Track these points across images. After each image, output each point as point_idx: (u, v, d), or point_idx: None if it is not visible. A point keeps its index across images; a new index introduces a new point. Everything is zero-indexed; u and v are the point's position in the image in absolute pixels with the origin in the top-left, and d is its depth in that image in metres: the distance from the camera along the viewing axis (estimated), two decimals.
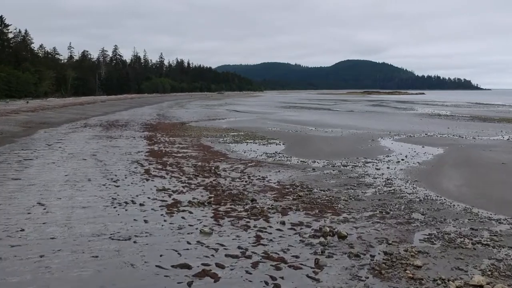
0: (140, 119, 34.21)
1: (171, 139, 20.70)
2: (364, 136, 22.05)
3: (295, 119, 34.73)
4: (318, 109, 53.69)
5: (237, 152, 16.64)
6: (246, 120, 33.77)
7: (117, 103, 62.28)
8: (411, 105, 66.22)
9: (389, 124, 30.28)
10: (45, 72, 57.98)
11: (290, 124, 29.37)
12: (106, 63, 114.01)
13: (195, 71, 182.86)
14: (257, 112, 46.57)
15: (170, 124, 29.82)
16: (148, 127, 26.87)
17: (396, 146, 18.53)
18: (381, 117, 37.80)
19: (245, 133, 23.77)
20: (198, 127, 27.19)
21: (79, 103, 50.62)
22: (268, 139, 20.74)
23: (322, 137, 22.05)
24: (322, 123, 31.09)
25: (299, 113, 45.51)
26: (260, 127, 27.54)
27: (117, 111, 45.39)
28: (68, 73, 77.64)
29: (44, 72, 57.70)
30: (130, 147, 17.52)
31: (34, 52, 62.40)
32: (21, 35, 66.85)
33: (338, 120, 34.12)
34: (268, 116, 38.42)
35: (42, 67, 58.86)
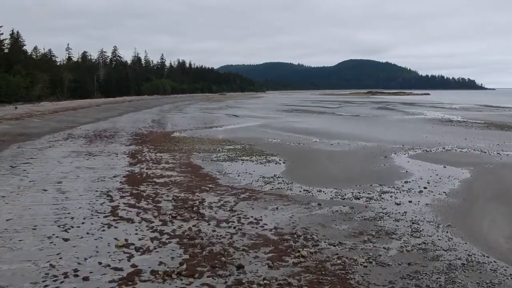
0: (132, 128, 31.93)
1: (158, 155, 18.39)
2: (375, 151, 19.68)
3: (298, 127, 32.38)
4: (321, 113, 51.32)
5: (229, 175, 14.31)
6: (244, 128, 31.44)
7: (114, 107, 60.08)
8: (419, 109, 63.79)
9: (400, 133, 27.89)
10: (38, 75, 55.76)
11: (292, 134, 27.02)
12: (105, 64, 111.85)
13: (196, 72, 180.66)
14: (258, 117, 44.25)
15: (162, 134, 27.51)
16: (137, 139, 24.58)
17: (413, 165, 16.16)
18: (390, 125, 35.39)
19: (242, 146, 21.45)
20: (192, 138, 24.88)
21: (72, 108, 48.41)
22: (266, 156, 18.41)
23: (328, 152, 19.70)
24: (327, 132, 28.74)
25: (301, 118, 43.16)
26: (259, 138, 25.21)
27: (111, 117, 43.12)
28: (64, 75, 75.50)
29: (37, 75, 55.47)
30: (107, 168, 15.21)
31: (27, 55, 59.99)
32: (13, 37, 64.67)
33: (344, 128, 31.75)
34: (269, 123, 36.09)
35: (35, 69, 56.59)
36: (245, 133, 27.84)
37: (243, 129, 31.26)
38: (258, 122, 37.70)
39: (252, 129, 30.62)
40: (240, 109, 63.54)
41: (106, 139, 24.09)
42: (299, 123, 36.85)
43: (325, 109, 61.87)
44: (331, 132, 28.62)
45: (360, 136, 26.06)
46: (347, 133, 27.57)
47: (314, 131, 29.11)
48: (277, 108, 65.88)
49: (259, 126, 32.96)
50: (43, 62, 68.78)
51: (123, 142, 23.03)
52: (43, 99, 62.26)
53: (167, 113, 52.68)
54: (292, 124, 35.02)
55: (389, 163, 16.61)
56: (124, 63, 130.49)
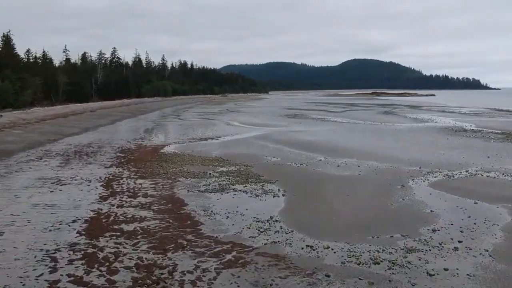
0: (121, 140, 29.39)
1: (138, 183, 15.84)
2: (389, 176, 17.05)
3: (300, 139, 29.77)
4: (325, 120, 48.64)
5: (216, 216, 11.76)
6: (242, 141, 28.84)
7: (109, 112, 57.60)
8: (427, 113, 61.06)
9: (414, 149, 25.24)
10: (29, 79, 53.25)
11: (294, 150, 24.40)
12: (104, 66, 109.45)
13: (198, 73, 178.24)
14: (258, 125, 41.65)
15: (151, 150, 24.95)
16: (120, 158, 22.02)
17: (437, 200, 13.53)
18: (401, 135, 32.71)
19: (236, 168, 18.87)
20: (183, 156, 22.30)
21: (63, 115, 45.91)
22: (264, 183, 15.84)
23: (335, 177, 17.09)
24: (333, 146, 26.12)
25: (304, 126, 40.53)
26: (257, 155, 22.62)
27: (102, 125, 40.61)
28: (59, 78, 73.05)
29: (28, 80, 52.96)
30: (70, 206, 12.65)
31: (18, 58, 57.33)
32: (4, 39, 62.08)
33: (351, 141, 29.11)
34: (269, 133, 33.48)
35: (26, 73, 54.09)
36: (242, 148, 25.26)
37: (240, 142, 28.67)
38: (258, 132, 35.11)
39: (251, 143, 28.02)
40: (240, 114, 60.98)
41: (86, 158, 21.53)
42: (302, 133, 34.24)
43: (329, 114, 59.20)
44: (337, 147, 25.99)
45: (370, 153, 23.41)
46: (355, 149, 24.92)
47: (318, 145, 26.50)
48: (279, 113, 63.26)
49: (259, 138, 30.36)
50: (36, 65, 66.14)
51: (104, 162, 20.47)
52: (36, 104, 59.92)
53: (163, 120, 50.16)
54: (294, 135, 32.41)
55: (408, 197, 13.96)
56: (124, 64, 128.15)
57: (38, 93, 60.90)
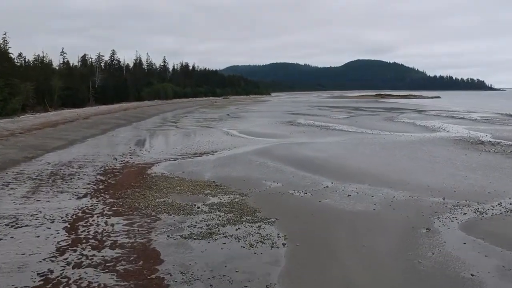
0: (107, 156, 26.80)
1: (110, 223, 13.23)
2: (410, 213, 14.37)
3: (304, 156, 27.12)
4: (331, 128, 45.92)
5: (195, 284, 9.11)
6: (240, 158, 26.19)
7: (103, 119, 55.03)
8: (437, 120, 58.27)
9: (431, 169, 22.56)
10: (18, 85, 50.70)
11: (298, 171, 21.74)
12: (102, 69, 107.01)
13: (200, 75, 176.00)
14: (259, 134, 38.98)
15: (137, 170, 22.31)
16: (100, 182, 19.41)
17: (475, 255, 10.86)
18: (413, 150, 29.98)
19: (230, 198, 16.27)
20: (171, 179, 19.69)
21: (53, 123, 43.32)
22: (261, 223, 13.26)
23: (346, 215, 14.42)
24: (341, 166, 23.47)
25: (308, 137, 37.84)
26: (256, 178, 20.00)
27: (91, 136, 38.01)
28: (54, 82, 70.60)
29: (18, 85, 50.41)
30: (13, 268, 10.03)
31: (9, 63, 54.58)
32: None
33: (360, 158, 26.42)
34: (270, 147, 30.86)
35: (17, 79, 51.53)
36: (239, 169, 22.62)
37: (238, 159, 26.02)
38: (258, 144, 32.46)
39: (249, 160, 25.38)
40: (241, 120, 58.34)
41: (60, 184, 18.91)
42: (305, 146, 31.58)
43: (334, 121, 56.48)
44: (345, 166, 23.30)
45: (383, 175, 20.73)
46: (365, 170, 22.22)
47: (324, 164, 23.85)
48: (281, 118, 60.57)
49: (258, 154, 27.70)
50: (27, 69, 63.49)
51: (79, 190, 17.83)
52: (28, 110, 57.49)
53: (159, 128, 47.55)
54: (297, 150, 29.75)
55: (438, 248, 11.26)
56: (123, 67, 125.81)
57: (30, 99, 58.45)
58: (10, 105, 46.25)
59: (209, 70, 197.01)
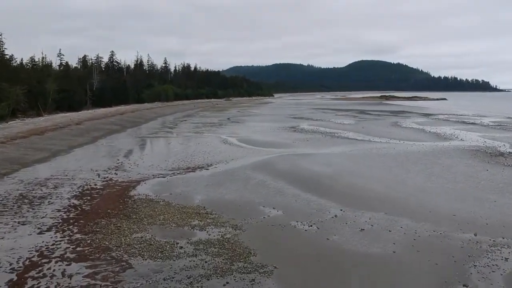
0: (90, 172, 24.22)
1: (67, 275, 10.66)
2: (439, 258, 11.74)
3: (309, 171, 24.52)
4: (336, 136, 43.22)
5: None
6: (237, 174, 23.55)
7: (96, 124, 52.44)
8: (447, 126, 55.52)
9: (452, 189, 19.91)
10: (7, 89, 48.15)
11: (301, 193, 19.11)
12: (101, 70, 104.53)
13: (202, 76, 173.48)
14: (259, 143, 36.32)
15: (118, 191, 19.70)
16: (73, 207, 16.84)
17: None
18: (429, 165, 27.24)
19: (221, 233, 13.68)
20: (155, 205, 17.10)
21: (40, 130, 40.68)
22: (255, 272, 10.65)
23: (360, 259, 11.79)
24: (350, 186, 20.83)
25: (313, 146, 35.17)
26: (253, 203, 17.41)
27: (78, 146, 35.42)
28: (48, 85, 68.10)
29: (6, 90, 47.87)
30: None
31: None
32: None
33: (372, 176, 23.75)
34: (271, 160, 28.24)
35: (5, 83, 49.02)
36: (234, 189, 20.02)
37: (235, 175, 23.41)
38: (258, 156, 29.84)
39: (247, 177, 22.76)
40: (241, 126, 55.70)
41: (25, 211, 16.31)
42: (309, 158, 28.98)
43: (339, 127, 53.79)
44: (355, 187, 20.63)
45: (399, 200, 18.09)
46: (378, 191, 19.57)
47: (331, 183, 21.22)
48: (283, 124, 57.87)
49: (257, 168, 25.09)
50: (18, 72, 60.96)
51: (45, 219, 15.24)
52: (19, 115, 55.03)
53: (154, 135, 44.95)
54: (300, 163, 27.15)
55: None
56: (123, 68, 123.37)
57: (21, 103, 55.93)
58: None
59: (211, 71, 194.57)
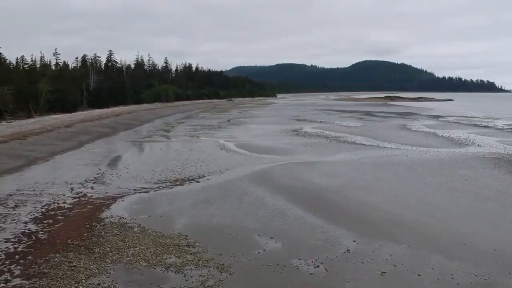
0: (62, 185, 21.23)
1: None
2: None
3: (313, 184, 21.45)
4: (342, 140, 40.10)
5: None
6: (231, 188, 20.47)
7: (89, 127, 49.47)
8: (459, 129, 52.39)
9: (483, 212, 16.82)
10: None
11: (306, 216, 16.05)
12: (99, 70, 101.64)
13: (203, 76, 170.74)
14: (259, 149, 33.25)
15: (88, 211, 16.68)
16: (30, 233, 13.82)
17: None
18: (449, 177, 24.15)
19: (202, 279, 10.60)
20: (127, 232, 14.08)
21: (23, 135, 37.58)
22: None
23: None
24: (362, 204, 17.73)
25: (317, 153, 32.09)
26: (246, 229, 14.38)
27: (62, 151, 32.38)
28: (41, 85, 65.29)
29: None
30: None
31: None
32: None
33: (385, 191, 20.67)
34: (271, 170, 25.18)
35: None
36: (227, 208, 16.99)
37: (229, 188, 20.36)
38: (256, 164, 26.78)
39: (243, 191, 19.71)
40: (241, 129, 52.67)
41: None
42: (313, 168, 25.94)
43: (345, 130, 50.68)
44: (368, 207, 17.50)
45: (422, 224, 15.02)
46: (397, 213, 16.47)
47: (340, 203, 18.14)
48: (286, 126, 54.77)
49: (255, 180, 22.02)
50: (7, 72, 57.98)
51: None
52: (7, 117, 52.21)
53: (146, 139, 41.90)
54: (303, 174, 24.09)
55: None
56: (121, 68, 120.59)
57: (9, 105, 53.13)
58: None
59: (212, 71, 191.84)
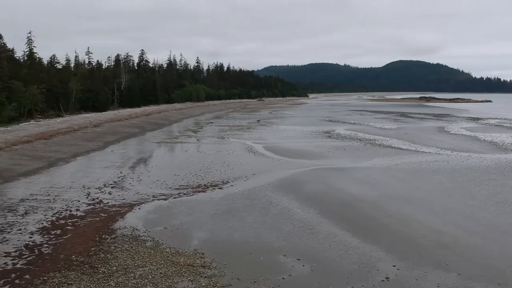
0: (79, 191, 20.14)
1: None
2: None
3: (346, 194, 19.62)
4: (377, 144, 37.94)
5: None
6: (256, 197, 18.90)
7: (116, 127, 48.89)
8: (504, 134, 49.25)
9: None
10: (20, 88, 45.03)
11: (338, 234, 14.30)
12: (129, 70, 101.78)
13: (235, 76, 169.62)
14: (288, 153, 31.57)
15: (100, 223, 15.41)
16: (33, 246, 12.63)
17: None
18: (497, 188, 21.91)
19: None
20: (136, 250, 12.73)
21: (49, 135, 37.02)
22: None
23: None
24: (402, 221, 15.84)
25: (351, 158, 30.16)
26: (271, 248, 12.77)
27: (85, 153, 31.55)
28: (72, 84, 65.34)
29: (18, 89, 44.75)
30: None
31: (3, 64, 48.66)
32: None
33: (427, 204, 18.66)
34: (300, 177, 23.53)
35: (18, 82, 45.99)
36: (250, 221, 15.44)
37: (253, 197, 18.82)
38: (285, 170, 25.15)
39: (268, 201, 18.13)
40: (271, 130, 51.06)
41: None
42: (347, 174, 24.12)
43: (379, 132, 48.36)
44: (409, 224, 15.59)
45: (472, 246, 13.11)
46: (441, 233, 14.53)
47: (376, 218, 16.28)
48: (317, 127, 52.81)
49: (283, 188, 20.42)
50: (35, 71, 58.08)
51: None
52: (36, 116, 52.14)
53: (173, 140, 40.79)
54: (336, 182, 22.32)
55: None
56: (154, 68, 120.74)
57: (39, 104, 53.09)
58: (5, 112, 40.57)
59: (244, 70, 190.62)
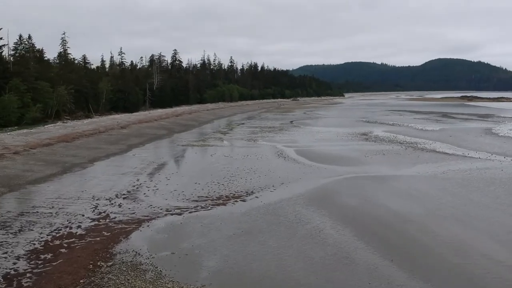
0: (86, 202, 18.25)
1: None
2: None
3: (387, 213, 16.92)
4: (419, 148, 34.80)
5: None
6: (282, 215, 16.49)
7: (144, 129, 47.42)
8: None
9: None
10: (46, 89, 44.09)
11: (377, 263, 11.75)
12: (162, 70, 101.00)
13: (269, 75, 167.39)
14: (322, 157, 28.98)
15: (101, 243, 13.37)
16: (16, 274, 10.65)
17: None
18: None
19: None
20: (132, 285, 10.49)
21: (72, 138, 35.65)
22: None
23: None
24: (458, 254, 13.10)
25: (390, 164, 27.32)
26: (294, 283, 10.33)
27: (105, 157, 29.84)
28: (102, 85, 64.56)
29: (45, 90, 43.82)
30: None
31: (30, 64, 47.83)
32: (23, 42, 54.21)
33: (485, 230, 15.80)
34: (332, 187, 20.95)
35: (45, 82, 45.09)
36: (273, 245, 13.04)
37: (279, 214, 16.40)
38: (317, 179, 22.61)
39: (296, 218, 15.68)
40: (304, 131, 48.46)
41: None
42: (387, 185, 21.36)
43: (420, 134, 45.00)
44: (466, 254, 12.85)
45: None
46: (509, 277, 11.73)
47: (425, 244, 13.57)
48: (353, 129, 49.86)
49: (314, 203, 17.92)
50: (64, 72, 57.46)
51: None
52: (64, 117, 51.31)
53: (200, 142, 38.78)
54: (375, 195, 19.62)
55: None
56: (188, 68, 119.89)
57: (67, 104, 52.26)
58: (30, 113, 39.59)
59: (278, 70, 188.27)
